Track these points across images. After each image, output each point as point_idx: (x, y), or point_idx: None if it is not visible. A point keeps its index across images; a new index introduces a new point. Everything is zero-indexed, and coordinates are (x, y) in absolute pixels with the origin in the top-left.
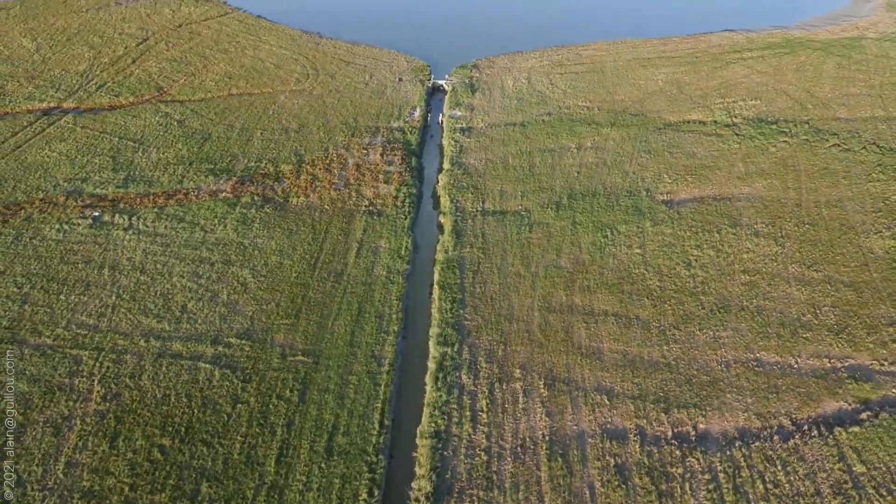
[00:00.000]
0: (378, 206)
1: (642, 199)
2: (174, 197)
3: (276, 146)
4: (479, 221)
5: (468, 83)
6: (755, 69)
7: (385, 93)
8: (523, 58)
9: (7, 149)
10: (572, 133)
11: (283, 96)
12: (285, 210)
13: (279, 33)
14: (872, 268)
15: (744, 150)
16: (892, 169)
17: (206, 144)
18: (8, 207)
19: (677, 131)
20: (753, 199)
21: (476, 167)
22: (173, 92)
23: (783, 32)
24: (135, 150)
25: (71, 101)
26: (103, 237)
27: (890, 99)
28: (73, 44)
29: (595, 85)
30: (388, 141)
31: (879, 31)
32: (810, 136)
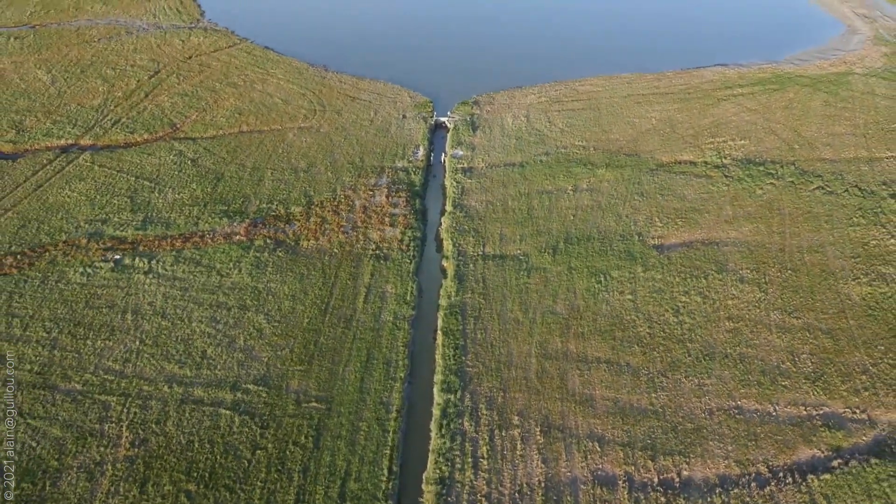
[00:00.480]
0: (384, 250)
1: (634, 243)
2: (190, 240)
3: (287, 187)
4: (480, 266)
5: (469, 121)
6: (745, 106)
7: (390, 130)
8: (522, 93)
9: (29, 188)
10: (569, 174)
11: (292, 134)
12: (296, 253)
13: (286, 66)
14: (849, 314)
15: (732, 192)
16: (872, 213)
17: (219, 185)
18: (33, 250)
19: (669, 172)
20: (740, 244)
21: (477, 209)
22: (186, 128)
23: (773, 67)
24: (151, 190)
25: (88, 138)
26: (125, 281)
27: (873, 139)
28: (87, 76)
29: (591, 123)
30: (393, 182)
31: (866, 66)
32: (796, 178)
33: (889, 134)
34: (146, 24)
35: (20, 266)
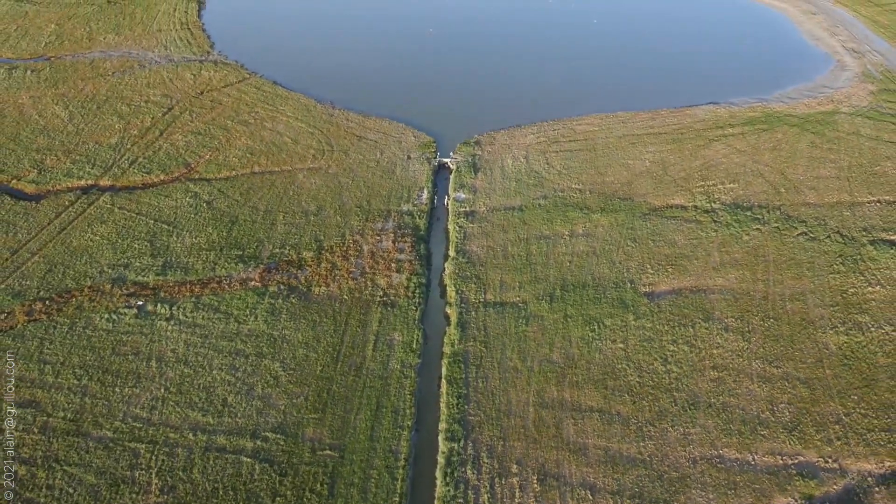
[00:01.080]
0: (391, 297)
1: (627, 291)
2: (208, 286)
3: (298, 231)
4: (481, 313)
5: (471, 162)
6: (735, 147)
7: (395, 172)
8: (522, 133)
9: (53, 231)
10: (565, 219)
11: (302, 175)
12: (309, 300)
13: (294, 103)
14: (826, 364)
15: (720, 238)
16: (852, 260)
17: (233, 228)
18: (60, 295)
19: (661, 217)
20: (726, 292)
21: (479, 255)
22: (200, 169)
23: (763, 106)
24: (169, 233)
25: (107, 179)
26: (148, 328)
27: (856, 182)
28: (104, 112)
29: (587, 165)
30: (398, 226)
31: (853, 105)
32: (781, 224)
33: (871, 177)
34: (158, 57)
35: (49, 312)
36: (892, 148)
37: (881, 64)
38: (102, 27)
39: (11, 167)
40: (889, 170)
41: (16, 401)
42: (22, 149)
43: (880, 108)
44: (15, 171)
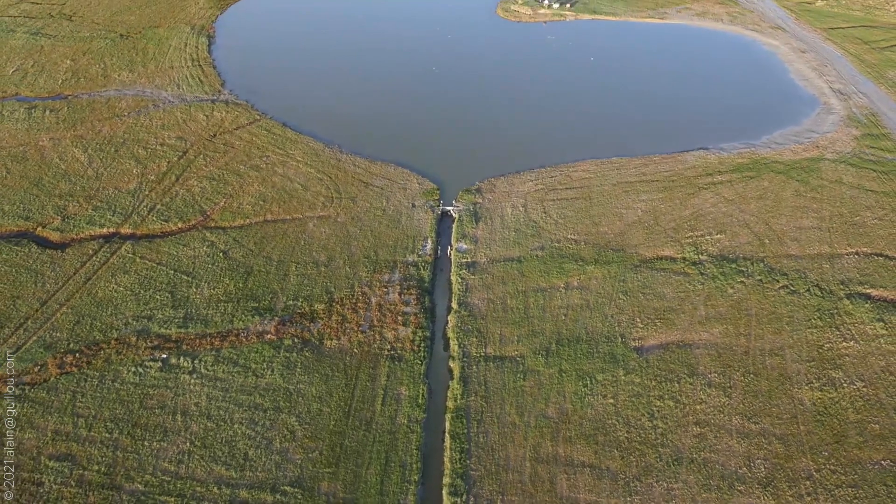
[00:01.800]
0: (398, 350)
1: (617, 345)
2: (227, 338)
3: (310, 282)
4: (482, 368)
5: (472, 210)
6: (723, 196)
7: (400, 220)
8: (521, 180)
9: (79, 280)
10: (561, 271)
11: (312, 224)
12: (321, 353)
13: (303, 147)
14: (801, 420)
15: (706, 291)
16: (829, 314)
17: (249, 279)
18: (89, 347)
19: (651, 269)
20: (710, 347)
21: (480, 308)
22: (215, 216)
23: (751, 152)
24: (189, 284)
25: (128, 227)
26: (172, 381)
27: (836, 233)
28: (121, 156)
29: (582, 214)
30: (404, 277)
31: (837, 151)
32: (764, 277)
33: (851, 227)
34: (171, 96)
35: (79, 364)
36: (872, 197)
37: (866, 107)
38: (116, 63)
39: (36, 214)
40: (868, 220)
41: (52, 454)
42: (45, 194)
43: (863, 155)
44: (40, 217)
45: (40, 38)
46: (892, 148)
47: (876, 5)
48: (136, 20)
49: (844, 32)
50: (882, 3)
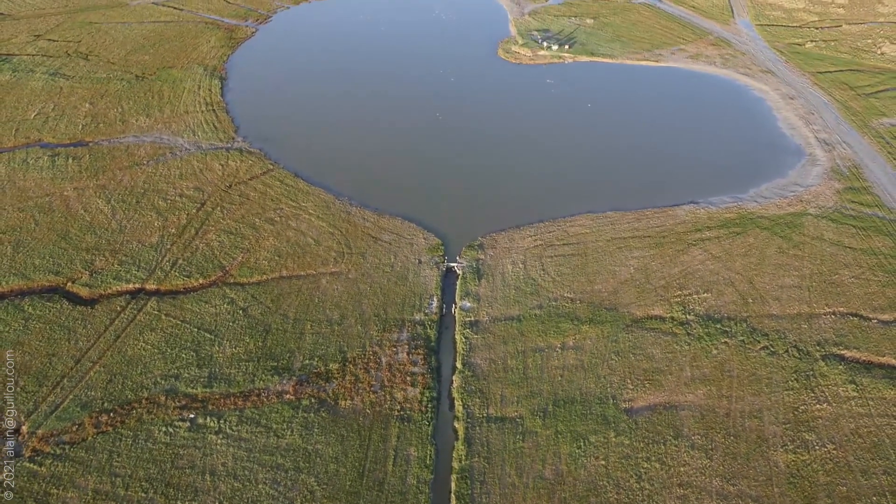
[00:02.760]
0: (407, 411)
1: (609, 407)
2: (249, 398)
3: (324, 341)
4: (484, 429)
5: (475, 267)
6: (711, 253)
7: (408, 277)
8: (521, 235)
9: (110, 338)
10: (558, 331)
11: (325, 280)
12: (336, 413)
13: (315, 199)
14: (775, 482)
15: (692, 352)
16: (805, 376)
17: (267, 338)
18: (122, 406)
19: (642, 329)
20: (694, 408)
21: (482, 368)
22: (234, 272)
23: (738, 206)
24: (212, 343)
25: (152, 282)
26: (200, 441)
27: (815, 292)
28: (143, 207)
29: (578, 272)
30: (412, 337)
31: (819, 206)
32: (746, 337)
33: (829, 286)
34: (188, 143)
35: (114, 424)
36: (851, 255)
37: (849, 158)
38: (133, 108)
39: (66, 268)
40: (846, 279)
41: None
42: (73, 248)
43: (844, 210)
44: (69, 272)
45: (59, 78)
46: (872, 202)
47: (863, 47)
48: (150, 60)
49: (832, 77)
50: (869, 46)
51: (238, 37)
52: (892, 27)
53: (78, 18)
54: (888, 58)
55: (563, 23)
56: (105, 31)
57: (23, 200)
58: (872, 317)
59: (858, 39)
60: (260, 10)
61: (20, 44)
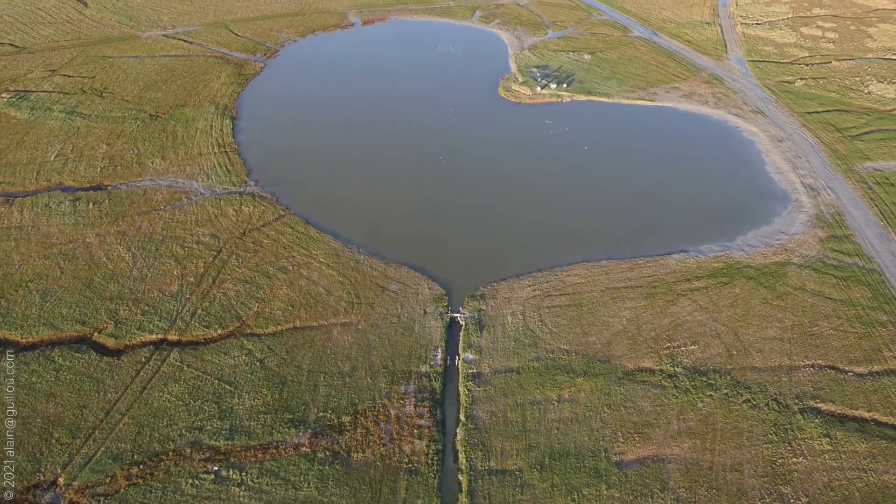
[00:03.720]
0: (415, 464)
1: (601, 460)
2: (268, 451)
3: (336, 394)
4: (486, 481)
5: (477, 318)
6: (699, 304)
7: (414, 329)
8: (520, 285)
9: (136, 390)
10: (554, 383)
11: (336, 331)
12: (349, 466)
13: (325, 246)
14: None
15: (679, 405)
16: (783, 430)
17: (284, 389)
18: (151, 458)
19: (632, 382)
20: (680, 461)
21: (484, 421)
22: (250, 323)
23: (726, 256)
24: (232, 394)
25: (174, 333)
26: (224, 493)
27: (796, 344)
28: (161, 255)
29: (574, 323)
30: (418, 389)
31: (803, 255)
32: (730, 391)
33: (809, 338)
34: (202, 187)
35: (144, 476)
36: (830, 306)
37: (833, 204)
38: (149, 149)
39: (91, 318)
40: (825, 330)
41: None
42: (97, 297)
43: (826, 259)
44: (95, 322)
45: (76, 117)
46: (852, 251)
47: (851, 86)
48: (163, 97)
49: (820, 118)
50: (857, 84)
51: (247, 73)
52: (880, 64)
53: (91, 52)
54: (874, 97)
55: (562, 58)
56: (118, 66)
57: (47, 247)
58: (848, 369)
59: (847, 77)
60: (267, 44)
61: (36, 79)
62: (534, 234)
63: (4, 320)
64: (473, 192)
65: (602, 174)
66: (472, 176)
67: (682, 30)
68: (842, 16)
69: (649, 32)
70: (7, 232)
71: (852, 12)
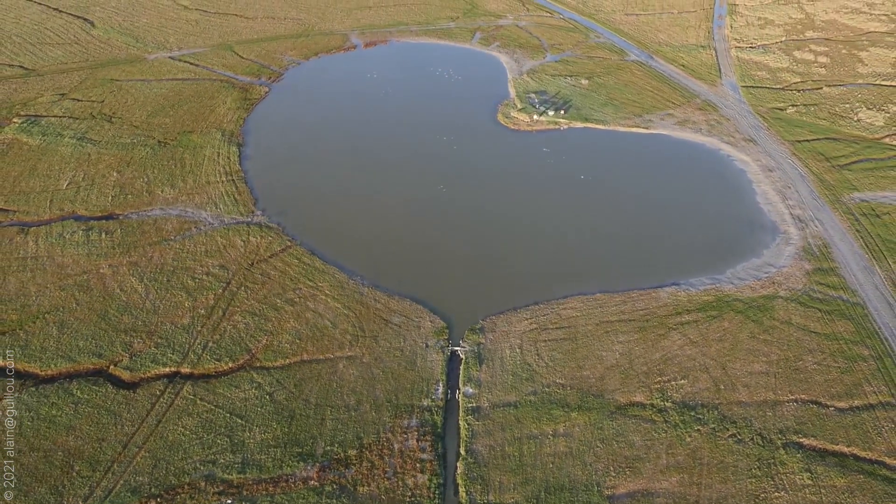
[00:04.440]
0: (418, 497)
1: (594, 494)
2: (279, 484)
3: (343, 427)
4: None
5: (476, 352)
6: (689, 338)
7: (416, 362)
8: (518, 318)
9: (152, 423)
10: (550, 418)
11: (342, 364)
12: (356, 500)
13: (330, 278)
14: None
15: (668, 440)
16: (767, 464)
17: (292, 423)
18: (168, 492)
19: (624, 416)
20: (668, 496)
21: (483, 455)
22: (260, 356)
23: (716, 289)
24: (243, 428)
25: (186, 366)
26: None
27: (780, 378)
28: (173, 286)
29: (569, 357)
30: (421, 423)
31: (790, 288)
32: (717, 425)
33: (794, 373)
34: (211, 217)
35: None
36: (815, 340)
37: (820, 236)
38: (158, 177)
39: (107, 351)
40: (809, 365)
41: None
42: (112, 329)
43: (811, 292)
44: (110, 355)
45: (86, 144)
46: (837, 284)
47: (841, 113)
48: (171, 123)
49: (810, 146)
50: (847, 111)
51: (252, 97)
52: (870, 90)
53: (99, 75)
54: (864, 125)
55: (560, 83)
56: (126, 90)
57: (62, 278)
58: (830, 404)
59: (837, 103)
60: (272, 67)
61: (47, 104)
62: (531, 266)
63: (24, 353)
64: (473, 223)
65: (597, 205)
66: (471, 206)
67: (677, 53)
68: (834, 39)
69: (645, 56)
70: (23, 262)
71: (844, 35)
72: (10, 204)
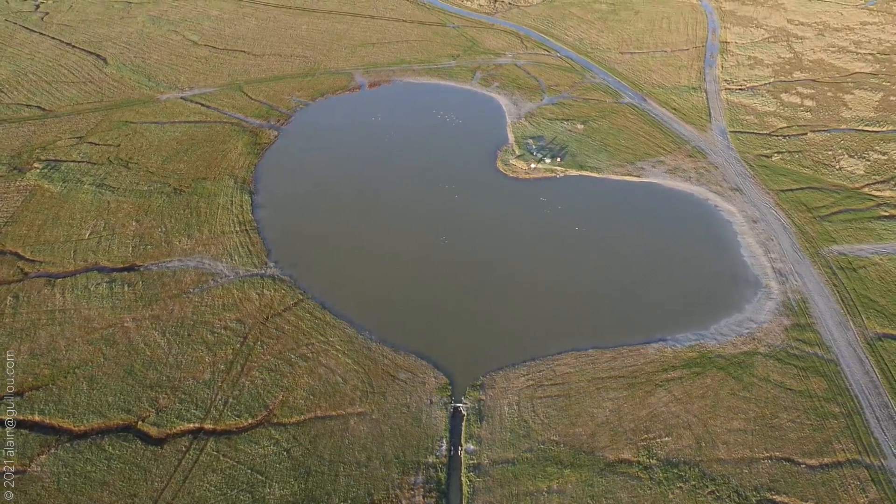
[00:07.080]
0: None
1: None
2: None
3: (355, 484)
4: None
5: (477, 409)
6: (674, 395)
7: (422, 419)
8: (515, 375)
9: (179, 479)
10: (545, 475)
11: (353, 420)
12: None
13: (340, 333)
14: None
15: (652, 496)
16: None
17: (308, 479)
18: None
19: (613, 473)
20: None
21: None
22: (277, 412)
23: (700, 345)
24: (263, 484)
25: (209, 422)
26: None
27: (757, 436)
28: (193, 341)
29: (563, 414)
30: (426, 480)
31: (769, 345)
32: (697, 482)
33: (769, 430)
34: (226, 269)
35: None
36: (790, 397)
37: (799, 291)
38: (175, 226)
39: (135, 406)
40: (784, 422)
41: None
42: (139, 385)
43: (789, 348)
44: (138, 410)
45: (105, 191)
46: (813, 340)
47: (824, 160)
48: (185, 169)
49: (793, 196)
50: (829, 158)
51: (262, 141)
52: (852, 136)
53: (115, 117)
54: (845, 174)
55: (556, 128)
56: (141, 133)
57: (89, 332)
58: (802, 461)
59: (821, 150)
60: (280, 108)
61: (65, 147)
62: (528, 320)
63: (57, 408)
64: (474, 276)
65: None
66: (472, 258)
67: (669, 96)
68: (820, 80)
69: (638, 98)
70: (52, 316)
71: (830, 76)
72: (36, 254)
